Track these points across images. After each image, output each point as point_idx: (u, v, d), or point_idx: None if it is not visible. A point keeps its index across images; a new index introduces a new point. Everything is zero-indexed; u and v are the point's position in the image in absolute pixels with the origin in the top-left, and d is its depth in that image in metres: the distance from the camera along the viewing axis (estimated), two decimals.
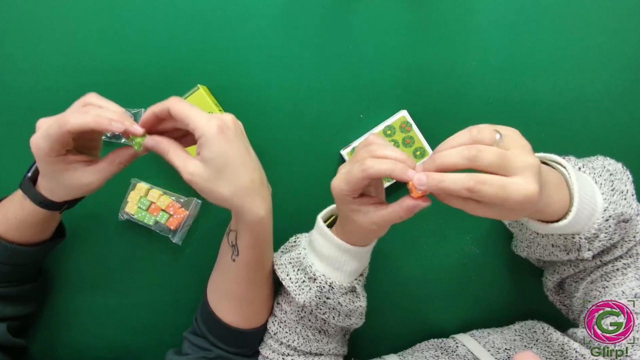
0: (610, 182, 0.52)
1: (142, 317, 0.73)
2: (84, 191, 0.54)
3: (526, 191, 0.40)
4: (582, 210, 0.48)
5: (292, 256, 0.59)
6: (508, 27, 0.69)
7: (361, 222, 0.50)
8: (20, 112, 0.70)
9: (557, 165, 0.52)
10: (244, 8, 0.69)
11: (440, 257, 0.73)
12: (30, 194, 0.54)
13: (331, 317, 0.58)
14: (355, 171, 0.46)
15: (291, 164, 0.70)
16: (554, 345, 0.54)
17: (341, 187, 0.48)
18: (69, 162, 0.51)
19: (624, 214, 0.50)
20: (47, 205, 0.55)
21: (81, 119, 0.47)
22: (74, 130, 0.47)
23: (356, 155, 0.48)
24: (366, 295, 0.61)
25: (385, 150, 0.46)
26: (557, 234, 0.51)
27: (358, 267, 0.56)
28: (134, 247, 0.72)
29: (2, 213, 0.57)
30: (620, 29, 0.69)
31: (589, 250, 0.51)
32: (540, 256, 0.58)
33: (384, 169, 0.45)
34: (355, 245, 0.54)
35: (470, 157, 0.41)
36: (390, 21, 0.69)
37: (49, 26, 0.69)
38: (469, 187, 0.41)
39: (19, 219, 0.56)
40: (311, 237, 0.58)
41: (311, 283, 0.56)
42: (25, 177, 0.55)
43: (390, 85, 0.70)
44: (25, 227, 0.57)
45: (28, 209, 0.55)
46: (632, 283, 0.51)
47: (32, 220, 0.56)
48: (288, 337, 0.60)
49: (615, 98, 0.70)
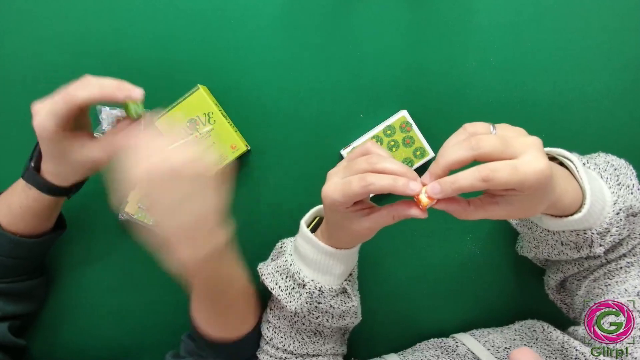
0: (616, 176, 0.52)
1: (142, 317, 0.73)
2: (93, 168, 0.54)
3: (537, 166, 0.40)
4: (595, 204, 0.48)
5: (279, 264, 0.59)
6: (508, 27, 0.69)
7: (353, 228, 0.49)
8: (20, 112, 0.70)
9: (564, 159, 0.52)
10: (244, 8, 0.69)
11: (440, 257, 0.73)
12: (35, 181, 0.54)
13: (325, 320, 0.58)
14: (355, 186, 0.44)
15: (291, 164, 0.70)
16: (554, 344, 0.54)
17: (335, 198, 0.46)
18: (75, 138, 0.51)
19: (633, 207, 0.50)
20: (54, 191, 0.55)
21: (88, 91, 0.48)
22: (83, 104, 0.48)
23: (353, 165, 0.46)
24: (358, 294, 0.61)
25: (385, 163, 0.44)
26: (569, 230, 0.51)
27: (346, 269, 0.56)
28: (134, 247, 0.72)
29: (6, 204, 0.57)
30: (620, 29, 0.69)
31: (601, 245, 0.50)
32: (549, 256, 0.57)
33: (386, 185, 0.43)
34: (342, 249, 0.54)
35: (473, 146, 0.41)
36: (390, 21, 0.69)
37: (49, 26, 0.69)
38: (483, 177, 0.40)
39: (23, 208, 0.56)
40: (296, 243, 0.57)
41: (301, 289, 0.56)
42: (29, 165, 0.54)
43: (390, 85, 0.70)
44: (30, 216, 0.57)
45: (33, 197, 0.55)
46: (635, 281, 0.51)
47: (37, 208, 0.56)
48: (284, 342, 0.60)
49: (615, 98, 0.70)
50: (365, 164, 0.45)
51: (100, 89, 0.48)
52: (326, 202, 0.48)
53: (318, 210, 0.60)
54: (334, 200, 0.46)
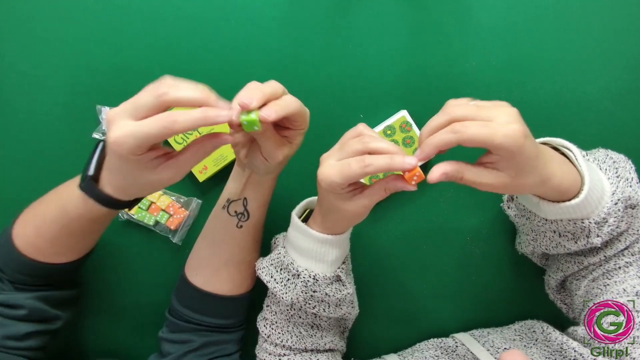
0: (615, 169, 0.52)
1: (142, 317, 0.73)
2: (163, 187, 0.50)
3: (509, 129, 0.42)
4: (593, 191, 0.48)
5: (272, 257, 0.60)
6: (508, 27, 0.69)
7: (348, 208, 0.51)
8: (20, 112, 0.70)
9: (563, 148, 0.52)
10: (244, 8, 0.69)
11: (440, 257, 0.73)
12: (94, 194, 0.49)
13: (321, 310, 0.58)
14: (354, 167, 0.46)
15: (291, 164, 0.70)
16: (553, 345, 0.54)
17: (333, 179, 0.47)
18: (150, 159, 0.45)
19: (632, 198, 0.50)
20: (114, 204, 0.50)
21: (190, 119, 0.42)
22: (182, 132, 0.42)
23: (347, 146, 0.48)
24: (353, 283, 0.62)
25: (378, 142, 0.47)
26: (566, 219, 0.51)
27: (339, 255, 0.57)
28: (134, 247, 0.72)
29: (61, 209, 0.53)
30: (620, 29, 0.69)
31: (598, 236, 0.51)
32: (547, 249, 0.58)
33: (384, 164, 0.45)
34: (334, 235, 0.55)
35: (447, 112, 0.44)
36: (390, 21, 0.69)
37: (49, 27, 0.69)
38: (453, 129, 0.43)
39: (81, 214, 0.52)
40: (288, 235, 0.58)
41: (295, 279, 0.56)
42: (87, 176, 0.48)
43: (390, 85, 0.70)
44: (86, 222, 0.53)
45: (91, 207, 0.50)
46: (633, 281, 0.51)
47: (94, 217, 0.52)
48: (281, 337, 0.60)
49: (615, 98, 0.70)
50: (359, 145, 0.47)
51: (202, 115, 0.42)
52: (323, 185, 0.49)
53: (308, 203, 0.61)
54: (332, 181, 0.47)
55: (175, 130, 0.42)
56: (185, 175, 0.49)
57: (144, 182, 0.47)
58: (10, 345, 0.56)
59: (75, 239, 0.56)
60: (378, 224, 0.72)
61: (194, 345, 0.60)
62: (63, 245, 0.56)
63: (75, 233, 0.55)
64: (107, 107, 0.69)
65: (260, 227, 0.64)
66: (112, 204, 0.50)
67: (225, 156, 0.68)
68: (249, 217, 0.60)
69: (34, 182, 0.70)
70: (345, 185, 0.48)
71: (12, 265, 0.57)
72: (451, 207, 0.72)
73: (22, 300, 0.57)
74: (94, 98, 0.70)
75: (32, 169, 0.71)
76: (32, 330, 0.58)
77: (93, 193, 0.49)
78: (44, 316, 0.60)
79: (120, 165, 0.45)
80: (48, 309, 0.60)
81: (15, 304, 0.57)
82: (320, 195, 0.53)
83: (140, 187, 0.49)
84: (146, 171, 0.46)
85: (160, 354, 0.63)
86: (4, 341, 0.56)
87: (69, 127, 0.70)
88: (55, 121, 0.70)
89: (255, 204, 0.60)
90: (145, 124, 0.42)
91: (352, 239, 0.60)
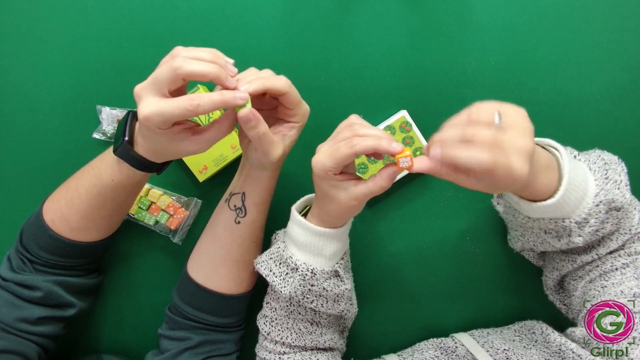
0: (605, 170, 0.52)
1: (142, 317, 0.73)
2: (190, 155, 0.58)
3: (513, 168, 0.41)
4: (572, 192, 0.48)
5: (272, 251, 0.60)
6: (508, 27, 0.69)
7: (341, 198, 0.51)
8: (20, 112, 0.70)
9: (552, 149, 0.52)
10: (244, 8, 0.69)
11: (440, 257, 0.73)
12: (129, 156, 0.54)
13: (319, 305, 0.58)
14: (343, 148, 0.48)
15: (291, 165, 0.70)
16: (552, 346, 0.54)
17: (324, 162, 0.49)
18: (176, 133, 0.51)
19: (615, 201, 0.50)
20: (148, 167, 0.55)
21: (211, 102, 0.47)
22: (203, 114, 0.50)
23: (338, 135, 0.50)
24: (352, 280, 0.62)
25: (367, 129, 0.49)
26: (547, 217, 0.51)
27: (337, 249, 0.57)
28: (134, 247, 0.72)
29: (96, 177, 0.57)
30: (620, 29, 0.69)
31: (580, 236, 0.51)
32: (534, 245, 0.58)
33: (371, 144, 0.47)
34: (332, 228, 0.55)
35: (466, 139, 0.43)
36: (390, 21, 0.69)
37: (49, 26, 0.69)
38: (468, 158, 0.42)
39: (115, 181, 0.56)
40: (288, 229, 0.59)
41: (294, 273, 0.57)
42: (123, 140, 0.53)
43: (390, 85, 0.70)
44: (120, 189, 0.57)
45: (126, 172, 0.55)
46: (630, 283, 0.51)
47: (127, 183, 0.57)
48: (281, 335, 0.60)
49: (615, 98, 0.70)
50: (349, 132, 0.50)
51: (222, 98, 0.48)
52: (316, 169, 0.51)
53: (309, 199, 0.61)
54: (324, 165, 0.49)
55: (197, 113, 0.47)
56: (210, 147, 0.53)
57: (173, 151, 0.53)
58: (23, 328, 0.58)
59: (105, 211, 0.59)
60: (378, 224, 0.72)
61: (191, 343, 0.61)
62: (91, 218, 0.59)
63: (106, 204, 0.58)
64: (107, 107, 0.69)
65: (258, 228, 0.64)
66: (146, 166, 0.55)
67: (226, 156, 0.68)
68: (246, 213, 0.61)
69: (34, 182, 0.70)
70: (337, 168, 0.50)
71: (39, 241, 0.59)
72: (451, 207, 0.72)
73: (39, 282, 0.59)
74: (94, 98, 0.70)
75: (33, 168, 0.71)
76: (45, 315, 0.59)
77: (128, 156, 0.54)
78: (59, 301, 0.61)
79: (150, 134, 0.50)
80: (64, 294, 0.61)
81: (32, 285, 0.59)
82: (315, 185, 0.54)
83: (170, 153, 0.54)
84: (174, 142, 0.51)
85: (158, 350, 0.63)
86: (17, 323, 0.58)
87: (69, 127, 0.70)
88: (55, 121, 0.70)
89: (252, 201, 0.61)
90: (171, 105, 0.47)
91: (352, 239, 0.60)
